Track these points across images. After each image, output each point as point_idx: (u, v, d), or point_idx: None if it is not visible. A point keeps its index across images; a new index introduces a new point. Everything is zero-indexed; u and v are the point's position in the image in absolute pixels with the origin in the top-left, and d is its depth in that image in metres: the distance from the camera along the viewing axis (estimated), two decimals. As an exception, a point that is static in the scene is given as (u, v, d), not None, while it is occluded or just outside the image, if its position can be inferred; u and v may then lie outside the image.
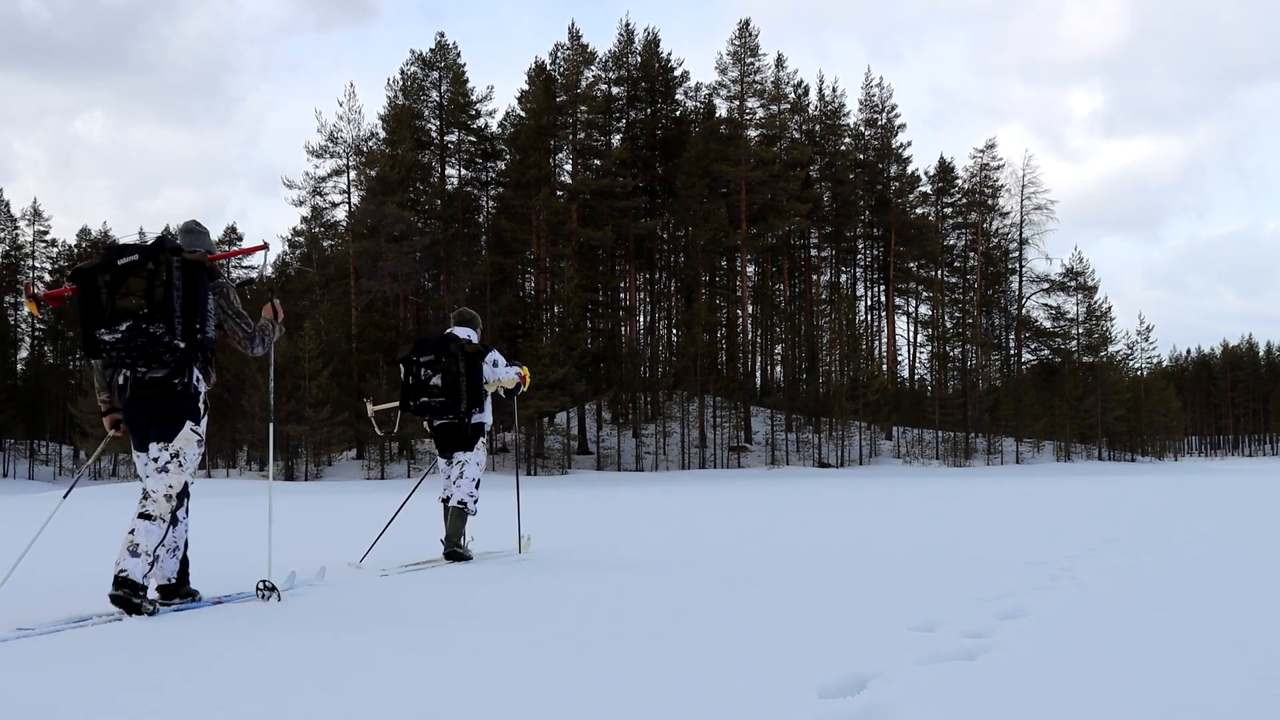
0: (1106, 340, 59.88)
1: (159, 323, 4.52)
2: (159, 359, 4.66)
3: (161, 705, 2.95)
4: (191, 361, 4.78)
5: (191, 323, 4.63)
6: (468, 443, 7.17)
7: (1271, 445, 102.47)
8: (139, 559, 4.57)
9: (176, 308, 4.57)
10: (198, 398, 4.89)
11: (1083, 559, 6.77)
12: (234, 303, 5.04)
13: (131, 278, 4.55)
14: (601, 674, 3.30)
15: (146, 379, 4.74)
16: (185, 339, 4.61)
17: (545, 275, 54.32)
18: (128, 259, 4.57)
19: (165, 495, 4.73)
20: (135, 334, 4.52)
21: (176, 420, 4.78)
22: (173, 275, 4.58)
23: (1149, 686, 3.09)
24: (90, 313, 4.58)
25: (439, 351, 7.01)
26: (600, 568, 6.69)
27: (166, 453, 4.76)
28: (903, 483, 30.53)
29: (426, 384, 6.99)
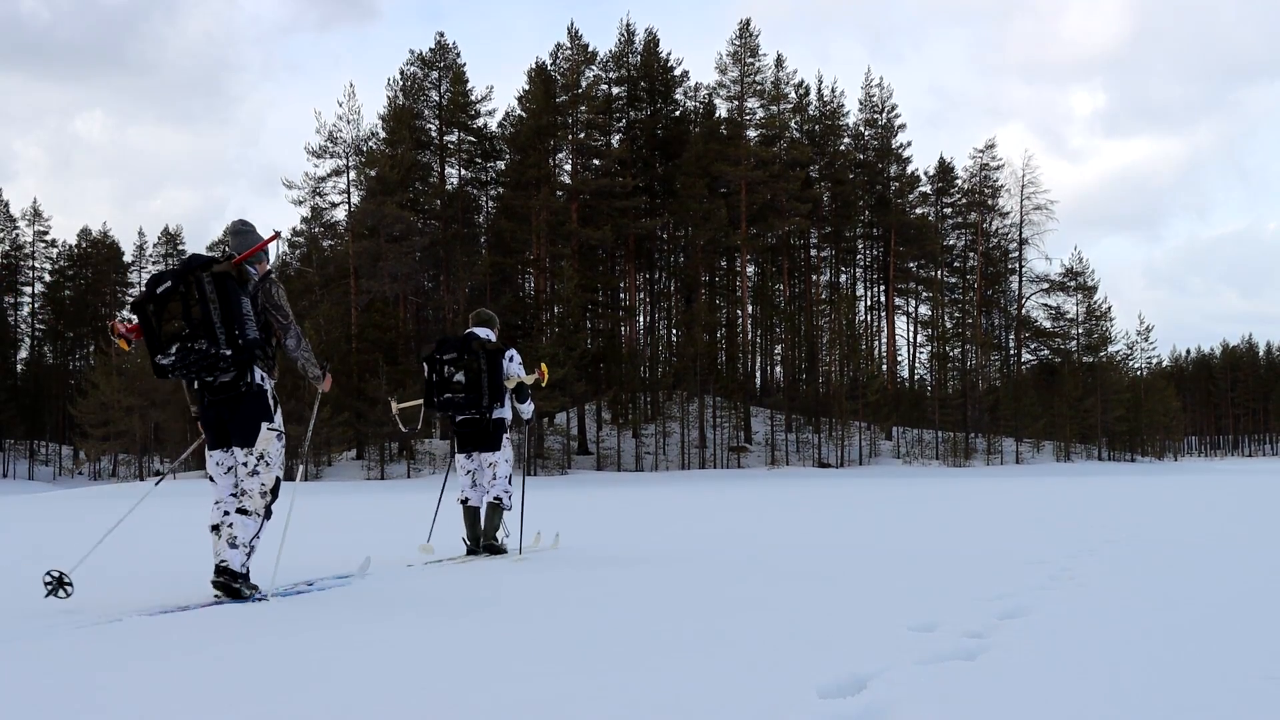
0: (1106, 340, 59.88)
1: (201, 338, 4.85)
2: (216, 368, 4.98)
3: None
4: (250, 363, 5.07)
5: (232, 330, 4.92)
6: (491, 441, 7.43)
7: (1271, 445, 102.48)
8: (237, 550, 5.05)
9: (216, 320, 4.88)
10: (266, 395, 5.19)
11: (1083, 559, 6.77)
12: (274, 296, 5.24)
13: (170, 302, 4.91)
14: (600, 673, 3.30)
15: (216, 384, 5.09)
16: (230, 346, 4.92)
17: (545, 275, 54.31)
18: (163, 286, 4.92)
19: (260, 493, 5.16)
20: (185, 353, 4.88)
21: (253, 423, 5.13)
22: (205, 291, 4.88)
23: (1149, 686, 3.09)
24: (149, 341, 4.98)
25: (461, 349, 7.27)
26: (600, 567, 6.69)
27: (253, 456, 5.15)
28: (902, 483, 30.53)
29: (450, 381, 7.25)
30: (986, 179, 62.37)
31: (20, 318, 68.98)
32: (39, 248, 69.10)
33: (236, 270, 5.04)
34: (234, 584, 5.01)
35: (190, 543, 10.29)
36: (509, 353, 7.46)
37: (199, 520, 14.82)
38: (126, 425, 47.19)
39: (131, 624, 4.42)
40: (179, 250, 70.83)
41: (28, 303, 69.19)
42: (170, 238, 70.83)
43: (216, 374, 5.04)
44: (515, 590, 5.54)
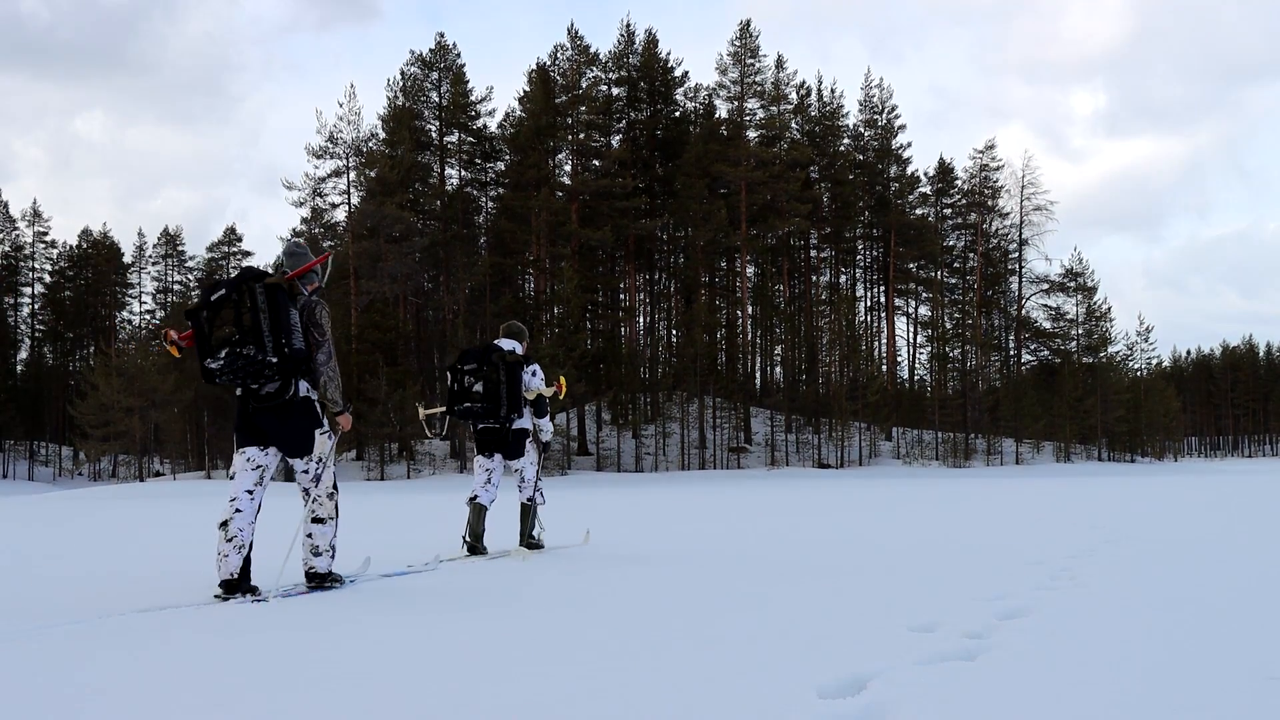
0: (1106, 341, 59.87)
1: (249, 345, 5.09)
2: (261, 374, 5.21)
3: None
4: (294, 373, 5.30)
5: (279, 339, 5.16)
6: (514, 449, 7.69)
7: (1271, 446, 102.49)
8: (321, 556, 5.49)
9: (265, 328, 5.12)
10: (313, 403, 5.42)
11: (1083, 559, 6.77)
12: (316, 313, 5.44)
13: (223, 309, 5.18)
14: (600, 673, 3.29)
15: (262, 393, 5.30)
16: (276, 354, 5.15)
17: (545, 276, 54.30)
18: (218, 294, 5.19)
19: (328, 496, 5.53)
20: (234, 359, 5.11)
21: (306, 432, 5.40)
22: (256, 301, 5.14)
23: (1149, 686, 3.09)
24: (200, 347, 5.22)
25: (481, 360, 7.51)
26: (598, 567, 6.68)
27: (313, 463, 5.45)
28: (902, 483, 30.53)
29: (469, 390, 7.49)
30: (986, 180, 62.41)
31: (20, 318, 68.98)
32: (39, 248, 69.11)
33: (288, 284, 5.31)
34: (324, 585, 5.46)
35: (188, 544, 10.31)
36: (531, 366, 7.71)
37: (198, 520, 14.83)
38: (126, 426, 47.18)
39: (129, 620, 4.42)
40: (179, 251, 70.86)
41: (28, 303, 69.22)
42: (170, 238, 70.84)
43: (262, 381, 5.25)
44: (514, 590, 5.54)
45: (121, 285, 70.68)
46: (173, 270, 71.21)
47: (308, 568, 5.49)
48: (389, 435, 46.71)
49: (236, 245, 68.28)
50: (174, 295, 70.12)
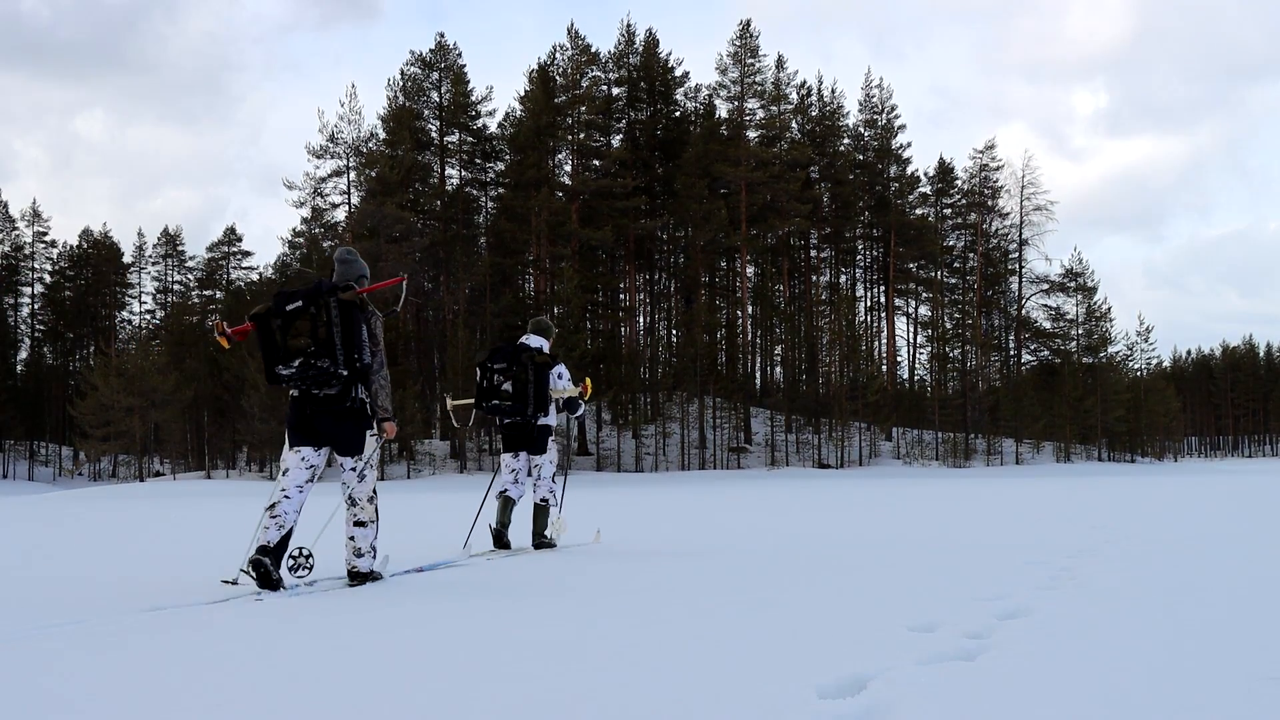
0: (1106, 341, 59.88)
1: (325, 357, 5.43)
2: (329, 383, 5.59)
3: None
4: (356, 381, 5.64)
5: (351, 353, 5.49)
6: (536, 444, 7.97)
7: (1271, 446, 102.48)
8: (364, 557, 5.80)
9: (338, 342, 5.44)
10: (366, 407, 5.76)
11: (1083, 559, 6.77)
12: (373, 325, 5.75)
13: (299, 320, 5.47)
14: (599, 672, 3.29)
15: (321, 397, 5.64)
16: (347, 367, 5.50)
17: (545, 276, 54.30)
18: (293, 305, 5.49)
19: (368, 499, 5.83)
20: (307, 368, 5.46)
21: (358, 434, 5.74)
22: (332, 315, 5.44)
23: (1149, 686, 3.09)
24: (268, 351, 5.53)
25: (511, 361, 7.79)
26: (597, 567, 6.69)
27: (361, 462, 5.79)
28: (902, 483, 30.53)
29: (498, 389, 7.78)
30: (986, 180, 62.43)
31: (20, 318, 68.95)
32: (39, 248, 69.08)
33: (360, 299, 5.61)
34: (365, 583, 5.75)
35: (192, 543, 10.31)
36: (557, 368, 8.00)
37: (197, 520, 14.83)
38: (126, 426, 47.18)
39: (131, 620, 4.42)
40: (179, 251, 70.83)
41: (28, 303, 69.20)
42: (170, 238, 70.81)
43: (325, 387, 5.60)
44: (515, 590, 5.54)
45: (121, 285, 70.64)
46: (173, 270, 71.21)
47: (350, 567, 5.80)
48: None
49: (236, 245, 68.25)
50: (174, 295, 70.10)
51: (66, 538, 11.69)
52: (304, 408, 5.65)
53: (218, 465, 50.57)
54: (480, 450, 49.84)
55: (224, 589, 5.52)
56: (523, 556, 7.54)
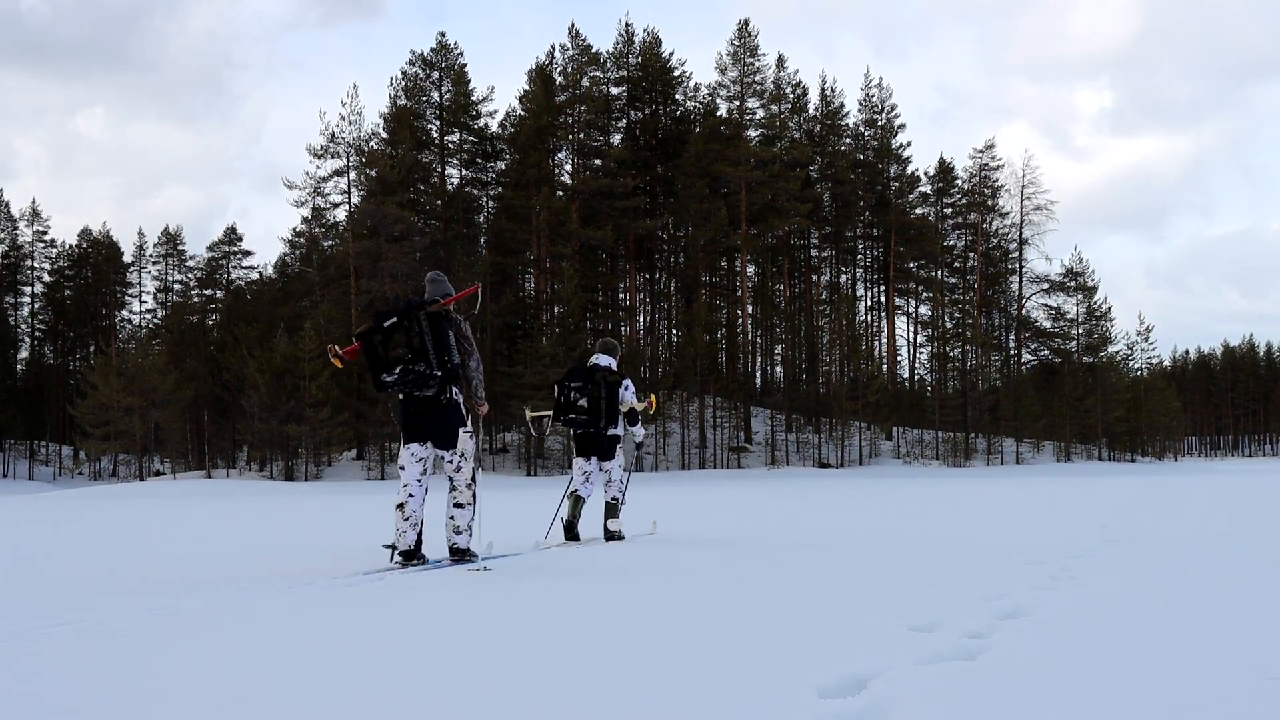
0: (1106, 340, 59.87)
1: (420, 362, 6.35)
2: (426, 385, 6.46)
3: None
4: (449, 382, 6.53)
5: (441, 356, 6.41)
6: (605, 452, 9.10)
7: (1271, 445, 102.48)
8: (462, 535, 6.69)
9: (430, 349, 6.35)
10: (460, 406, 6.63)
11: (1083, 559, 6.77)
12: (463, 328, 6.71)
13: (395, 334, 6.41)
14: (599, 673, 3.29)
15: (421, 398, 6.54)
16: (440, 369, 6.41)
17: (545, 275, 54.32)
18: (389, 321, 6.42)
19: (466, 485, 6.68)
20: (406, 374, 6.39)
21: (453, 429, 6.60)
22: (422, 327, 6.37)
23: (1149, 686, 3.09)
24: (373, 362, 6.47)
25: (586, 379, 8.89)
26: (596, 566, 6.69)
27: (457, 455, 6.64)
28: (902, 483, 30.53)
29: (575, 404, 8.86)
30: (986, 179, 62.40)
31: (20, 318, 68.95)
32: (38, 248, 69.06)
33: (445, 311, 6.53)
34: (465, 560, 6.62)
35: (195, 543, 10.31)
36: (625, 382, 9.15)
37: (195, 520, 14.84)
38: (126, 425, 47.18)
39: (137, 619, 4.42)
40: (179, 250, 70.82)
41: (28, 303, 69.18)
42: (170, 238, 70.79)
43: (424, 389, 6.48)
44: (517, 589, 5.54)
45: (121, 285, 70.62)
46: (173, 270, 71.19)
47: (451, 544, 6.69)
48: (390, 435, 46.71)
49: (237, 245, 68.20)
50: (174, 295, 70.10)
51: (66, 537, 11.69)
52: (409, 408, 6.56)
53: (218, 465, 50.57)
54: (480, 450, 49.77)
55: (225, 584, 5.52)
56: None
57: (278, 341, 44.71)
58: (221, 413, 50.41)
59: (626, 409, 9.17)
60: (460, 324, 6.68)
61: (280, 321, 49.70)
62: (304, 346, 43.63)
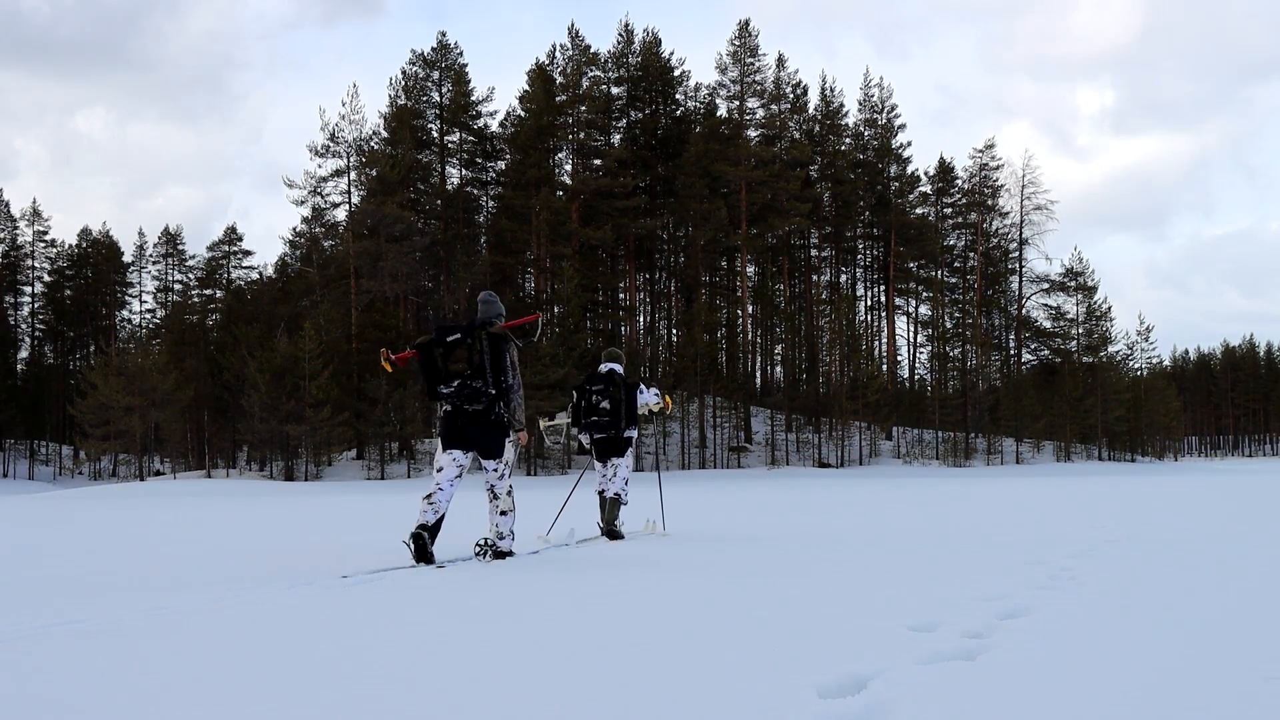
0: (1106, 340, 59.88)
1: (478, 379, 6.81)
2: (478, 400, 6.87)
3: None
4: (499, 399, 6.93)
5: (498, 376, 6.86)
6: (619, 451, 9.32)
7: (1271, 445, 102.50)
8: (505, 539, 7.07)
9: (488, 367, 6.81)
10: (504, 420, 7.02)
11: (1083, 559, 6.77)
12: (514, 357, 7.09)
13: (457, 349, 6.85)
14: (598, 673, 3.29)
15: (470, 412, 6.91)
16: (495, 387, 6.86)
17: (545, 275, 54.32)
18: (453, 337, 6.86)
19: (506, 492, 7.10)
20: (463, 388, 6.82)
21: (499, 441, 7.01)
22: (483, 346, 6.83)
23: (1149, 686, 3.09)
24: (431, 373, 6.90)
25: (606, 383, 9.28)
26: (597, 567, 6.69)
27: (501, 464, 7.06)
28: (902, 483, 30.53)
29: (596, 407, 9.24)
30: (986, 179, 62.41)
31: (20, 318, 68.96)
32: (39, 248, 69.07)
33: (505, 334, 6.95)
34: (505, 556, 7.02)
35: (187, 543, 10.30)
36: (641, 386, 9.59)
37: (196, 520, 14.83)
38: (126, 425, 47.19)
39: (137, 619, 4.42)
40: (179, 250, 70.84)
41: (28, 303, 69.20)
42: (170, 238, 70.81)
43: (475, 404, 6.88)
44: (522, 590, 5.54)
45: (121, 285, 70.65)
46: (173, 270, 71.22)
47: (498, 549, 7.07)
48: (389, 435, 46.73)
49: (236, 245, 68.23)
50: (174, 295, 70.11)
51: (65, 537, 11.69)
52: (456, 420, 6.94)
53: (218, 464, 50.57)
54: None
55: (236, 582, 5.52)
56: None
57: (278, 341, 44.72)
58: (221, 413, 50.42)
59: (644, 410, 9.65)
60: (514, 349, 7.08)
61: (280, 321, 49.71)
62: (304, 346, 43.63)
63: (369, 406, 45.27)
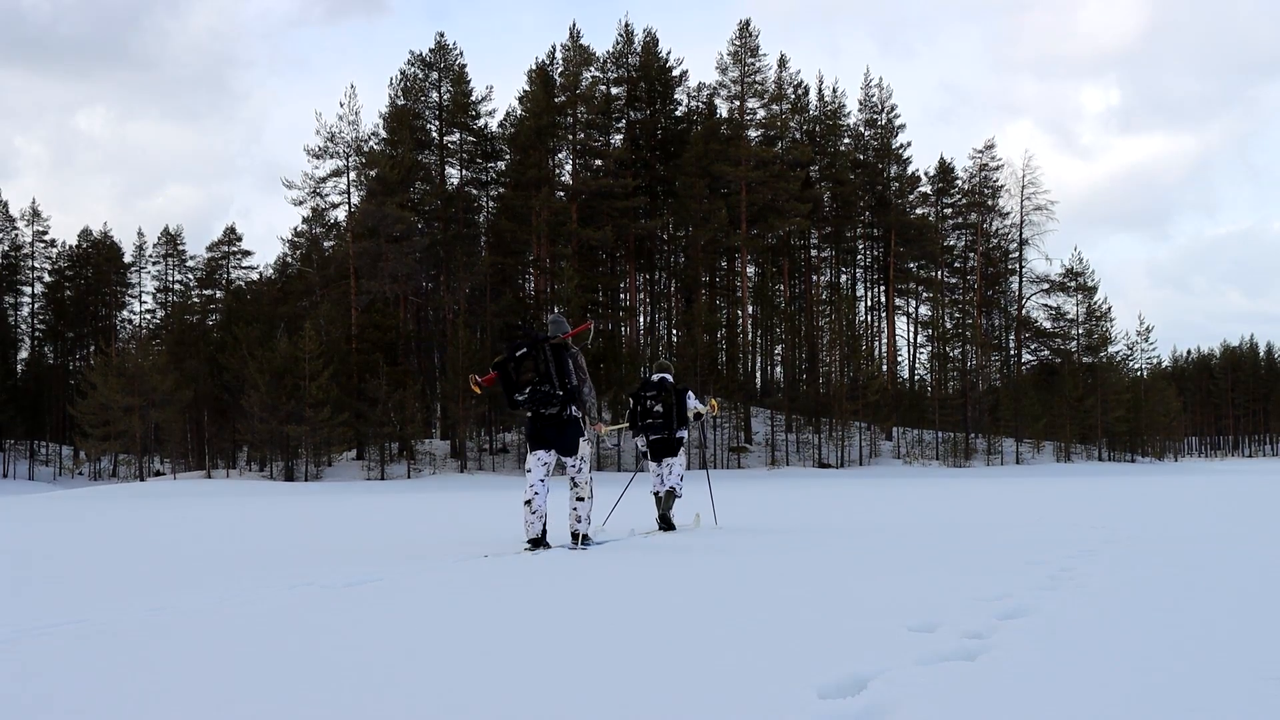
0: (1106, 341, 59.87)
1: (545, 384, 7.74)
2: (550, 403, 7.79)
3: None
4: (569, 401, 7.85)
5: (562, 379, 7.78)
6: (674, 451, 10.44)
7: (1271, 446, 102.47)
8: (583, 523, 8.06)
9: (553, 373, 7.74)
10: (579, 421, 7.98)
11: (1083, 559, 6.77)
12: (579, 362, 8.03)
13: (526, 361, 7.80)
14: (599, 673, 3.29)
15: (546, 415, 7.88)
16: (561, 389, 7.77)
17: (545, 275, 54.32)
18: (521, 351, 7.81)
19: (585, 483, 8.10)
20: (535, 394, 7.75)
21: (574, 439, 7.94)
22: (547, 354, 7.77)
23: (1149, 687, 3.09)
24: (508, 385, 7.84)
25: (659, 389, 10.41)
26: (598, 566, 6.69)
27: (578, 459, 8.00)
28: (902, 483, 30.53)
29: (651, 410, 10.35)
30: (986, 179, 62.41)
31: (20, 318, 68.95)
32: (38, 248, 69.06)
33: (564, 344, 7.92)
34: (585, 545, 7.95)
35: (185, 543, 10.30)
36: (689, 392, 10.68)
37: (195, 520, 14.83)
38: (126, 425, 47.19)
39: (138, 619, 4.42)
40: (179, 250, 70.86)
41: (28, 303, 69.19)
42: (171, 238, 70.81)
43: (548, 407, 7.80)
44: (522, 590, 5.54)
45: (121, 285, 70.65)
46: (173, 270, 71.23)
47: (573, 530, 8.04)
48: (389, 435, 46.72)
49: (236, 245, 68.23)
50: (174, 295, 70.12)
51: (66, 537, 11.69)
52: (536, 424, 7.89)
53: (218, 465, 50.57)
54: (480, 450, 49.84)
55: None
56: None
57: (278, 341, 44.72)
58: (221, 413, 50.41)
59: (693, 414, 10.67)
60: (577, 356, 8.04)
61: (280, 321, 49.71)
62: (304, 347, 43.63)
63: (369, 407, 45.28)
